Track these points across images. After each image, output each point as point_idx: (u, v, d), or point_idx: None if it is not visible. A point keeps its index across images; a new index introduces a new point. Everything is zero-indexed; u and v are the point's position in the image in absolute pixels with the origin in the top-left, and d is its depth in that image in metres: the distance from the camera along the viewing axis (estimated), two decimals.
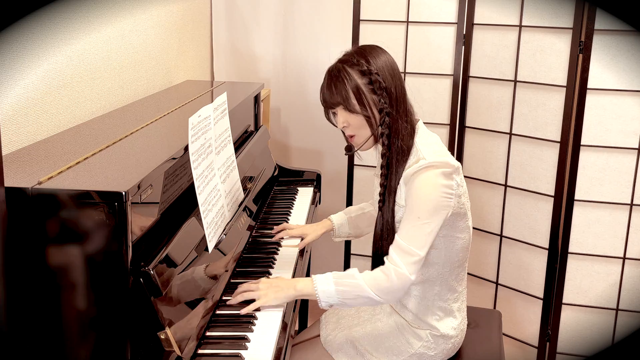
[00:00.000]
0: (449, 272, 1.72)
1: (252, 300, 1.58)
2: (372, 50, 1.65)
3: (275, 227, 2.04)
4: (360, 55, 1.64)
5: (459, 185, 1.63)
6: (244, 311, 1.55)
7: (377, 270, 1.60)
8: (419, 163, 1.58)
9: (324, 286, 1.59)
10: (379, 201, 1.71)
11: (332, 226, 2.00)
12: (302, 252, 1.96)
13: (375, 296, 1.57)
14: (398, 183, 1.65)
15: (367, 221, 2.01)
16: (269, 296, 1.59)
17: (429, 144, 1.65)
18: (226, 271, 1.68)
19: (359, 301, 1.60)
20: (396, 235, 1.61)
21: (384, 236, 1.69)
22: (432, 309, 1.73)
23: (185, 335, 1.35)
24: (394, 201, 1.66)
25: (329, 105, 1.69)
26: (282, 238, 2.00)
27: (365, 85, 1.62)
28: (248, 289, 1.60)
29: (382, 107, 1.62)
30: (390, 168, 1.66)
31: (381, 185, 1.69)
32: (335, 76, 1.64)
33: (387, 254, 1.65)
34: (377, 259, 1.72)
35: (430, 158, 1.58)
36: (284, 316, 1.57)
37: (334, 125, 1.73)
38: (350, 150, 1.77)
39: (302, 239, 2.00)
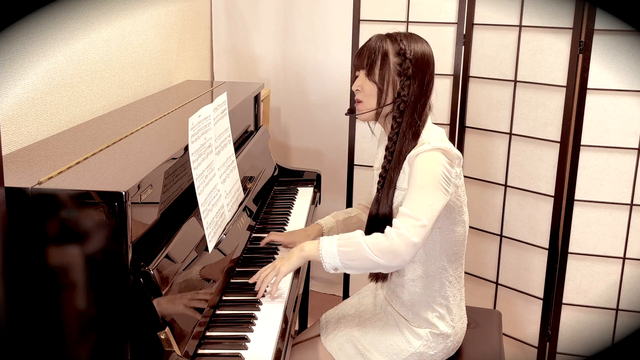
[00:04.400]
0: (447, 266, 1.72)
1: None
2: (418, 40, 1.70)
3: (265, 235, 1.97)
4: (405, 38, 1.69)
5: (457, 176, 1.65)
6: (271, 295, 1.61)
7: (378, 233, 1.58)
8: (423, 146, 1.61)
9: (328, 246, 1.59)
10: (378, 182, 1.73)
11: (321, 230, 1.95)
12: None
13: (375, 257, 1.54)
14: (398, 172, 1.66)
15: (354, 225, 1.98)
16: (283, 268, 1.64)
17: (434, 134, 1.68)
18: (226, 271, 1.68)
19: (360, 263, 1.57)
20: (400, 207, 1.59)
21: (378, 218, 1.69)
22: (433, 305, 1.74)
23: (185, 335, 1.35)
24: (394, 187, 1.67)
25: (355, 66, 1.74)
26: (275, 246, 1.95)
27: (395, 64, 1.66)
28: (264, 274, 1.64)
29: (400, 92, 1.66)
30: (394, 154, 1.68)
31: (383, 167, 1.71)
32: (373, 42, 1.70)
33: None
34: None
35: (435, 143, 1.61)
36: (284, 316, 1.57)
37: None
38: (352, 112, 1.80)
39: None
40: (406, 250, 1.53)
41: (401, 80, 1.66)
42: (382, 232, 1.62)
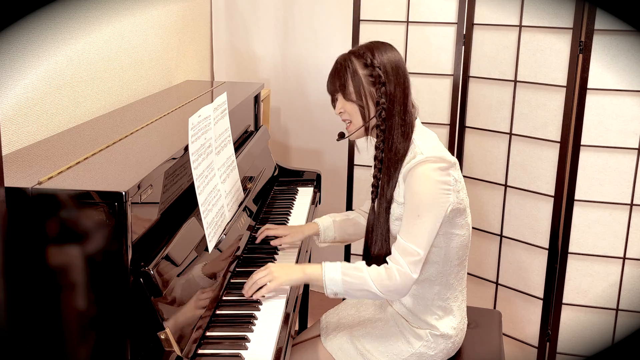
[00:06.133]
0: (448, 271, 1.72)
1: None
2: (381, 46, 1.69)
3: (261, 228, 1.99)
4: (368, 49, 1.68)
5: (456, 181, 1.64)
6: (256, 295, 1.60)
7: (382, 267, 1.62)
8: (416, 158, 1.61)
9: (332, 274, 1.63)
10: (372, 192, 1.73)
11: (318, 229, 1.96)
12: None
13: (379, 292, 1.60)
14: (393, 179, 1.66)
15: (352, 227, 1.98)
16: (282, 277, 1.63)
17: (426, 139, 1.67)
18: (226, 271, 1.68)
19: (362, 294, 1.63)
20: (398, 235, 1.62)
21: (375, 230, 1.71)
22: (432, 308, 1.73)
23: (185, 335, 1.35)
24: (390, 197, 1.67)
25: (329, 91, 1.74)
26: (269, 237, 1.96)
27: (366, 76, 1.66)
28: (259, 276, 1.63)
29: (379, 100, 1.65)
30: (383, 162, 1.68)
31: (374, 177, 1.72)
32: (339, 64, 1.70)
33: (377, 247, 1.69)
34: (368, 251, 1.74)
35: (427, 153, 1.61)
36: (284, 316, 1.57)
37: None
38: (342, 136, 1.80)
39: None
40: (406, 286, 1.61)
41: (377, 89, 1.66)
42: (381, 245, 1.68)
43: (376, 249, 1.71)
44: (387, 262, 1.63)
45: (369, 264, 1.65)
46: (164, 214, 1.48)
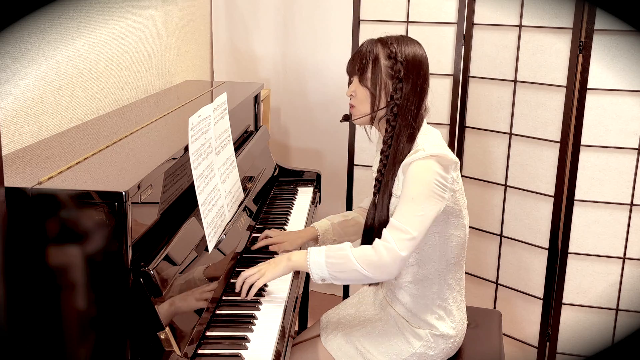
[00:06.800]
0: (445, 270, 1.72)
1: None
2: (410, 42, 1.69)
3: (260, 234, 1.97)
4: (396, 41, 1.68)
5: (454, 181, 1.64)
6: (250, 295, 1.60)
7: (367, 245, 1.61)
8: (417, 153, 1.60)
9: (316, 257, 1.61)
10: (375, 186, 1.72)
11: (316, 233, 1.95)
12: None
13: (363, 270, 1.56)
14: (394, 176, 1.65)
15: (351, 228, 1.97)
16: (268, 273, 1.63)
17: (429, 138, 1.67)
18: (226, 271, 1.68)
19: (348, 275, 1.59)
20: (390, 218, 1.61)
21: (374, 224, 1.69)
22: (432, 307, 1.73)
23: (185, 335, 1.35)
24: (390, 193, 1.67)
25: (347, 72, 1.74)
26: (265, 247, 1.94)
27: (386, 67, 1.66)
28: (248, 274, 1.63)
29: (392, 94, 1.65)
30: (389, 158, 1.67)
31: (378, 171, 1.71)
32: (365, 47, 1.70)
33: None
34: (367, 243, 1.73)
35: (430, 150, 1.60)
36: (284, 316, 1.57)
37: None
38: (347, 119, 1.80)
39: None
40: (393, 264, 1.56)
41: (393, 83, 1.65)
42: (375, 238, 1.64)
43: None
44: None
45: None
46: (164, 214, 1.48)
